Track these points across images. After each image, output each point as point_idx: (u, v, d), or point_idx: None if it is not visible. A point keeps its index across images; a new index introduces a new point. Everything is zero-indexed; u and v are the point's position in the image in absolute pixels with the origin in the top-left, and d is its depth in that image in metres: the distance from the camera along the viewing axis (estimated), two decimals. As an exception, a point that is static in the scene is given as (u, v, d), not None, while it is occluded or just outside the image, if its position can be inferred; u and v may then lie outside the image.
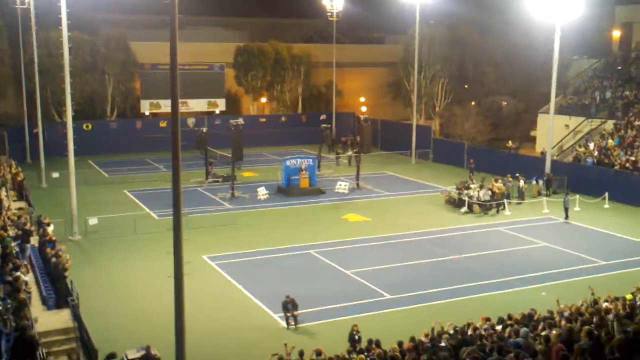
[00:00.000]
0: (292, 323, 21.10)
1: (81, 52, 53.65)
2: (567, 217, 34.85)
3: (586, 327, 13.56)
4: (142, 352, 17.06)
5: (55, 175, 41.08)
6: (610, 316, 16.53)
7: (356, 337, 18.67)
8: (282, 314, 21.43)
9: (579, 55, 61.57)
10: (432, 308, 22.66)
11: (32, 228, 25.76)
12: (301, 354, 16.61)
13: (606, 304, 18.92)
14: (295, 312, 21.11)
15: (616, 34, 60.42)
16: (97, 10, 57.69)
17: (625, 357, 8.31)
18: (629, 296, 19.46)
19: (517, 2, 44.38)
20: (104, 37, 57.64)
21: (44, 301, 19.96)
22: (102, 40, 57.38)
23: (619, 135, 44.40)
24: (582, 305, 19.18)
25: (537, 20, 41.21)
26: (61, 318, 19.13)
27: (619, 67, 54.34)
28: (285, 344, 16.76)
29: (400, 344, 16.26)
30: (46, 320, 18.83)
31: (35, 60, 43.58)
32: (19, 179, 35.26)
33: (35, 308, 19.25)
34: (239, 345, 20.28)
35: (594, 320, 15.77)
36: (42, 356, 15.26)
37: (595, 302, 19.46)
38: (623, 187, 38.56)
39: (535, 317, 18.24)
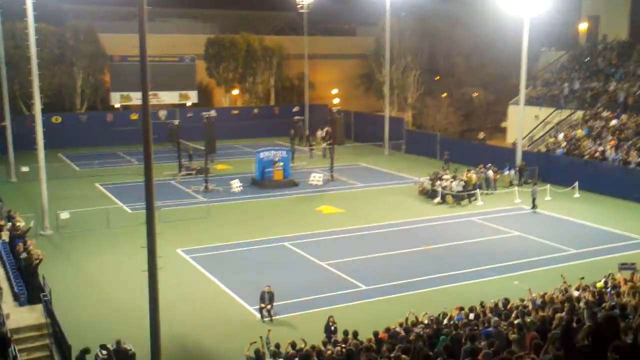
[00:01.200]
0: (266, 315, 21.08)
1: (48, 43, 52.75)
2: (534, 207, 35.26)
3: (558, 315, 13.78)
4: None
5: (25, 169, 40.40)
6: (582, 304, 16.87)
7: (332, 328, 18.76)
8: (257, 307, 21.40)
9: (547, 47, 62.31)
10: (407, 298, 22.83)
11: (2, 223, 25.31)
12: (277, 346, 16.64)
13: (577, 292, 19.29)
14: (269, 306, 21.05)
15: (583, 26, 61.22)
16: (64, 1, 56.74)
17: (595, 344, 8.45)
18: (599, 284, 19.85)
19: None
20: (71, 28, 56.74)
21: (16, 297, 19.65)
22: (70, 31, 56.50)
23: (588, 125, 45.11)
24: (553, 293, 19.52)
25: (507, 12, 41.58)
26: (34, 314, 18.86)
27: (587, 59, 55.12)
28: (269, 330, 16.84)
29: (375, 334, 16.39)
30: (18, 316, 18.54)
31: (2, 52, 42.68)
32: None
33: (7, 304, 18.94)
34: (214, 338, 20.22)
35: (566, 307, 16.04)
36: (13, 354, 15.05)
37: (567, 290, 19.82)
38: (592, 177, 39.22)
39: (508, 306, 18.51)
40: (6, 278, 20.91)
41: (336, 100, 65.87)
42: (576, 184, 38.77)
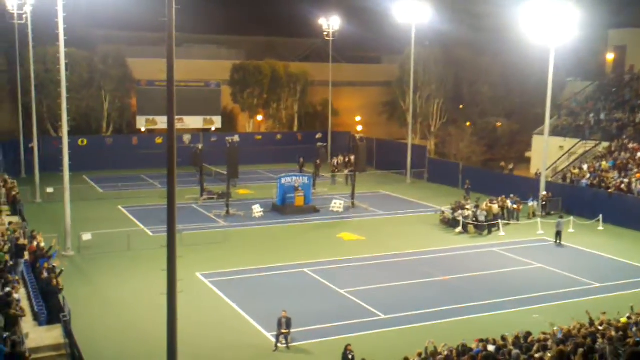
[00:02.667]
0: (283, 341, 20.97)
1: (78, 67, 53.80)
2: (558, 241, 34.50)
3: (580, 350, 13.54)
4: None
5: (50, 190, 40.96)
6: (604, 340, 16.53)
7: (350, 356, 18.59)
8: (274, 333, 21.31)
9: (573, 77, 62.08)
10: (426, 328, 22.57)
11: (26, 242, 25.62)
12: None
13: (600, 327, 18.91)
14: (285, 330, 20.95)
15: (610, 56, 60.97)
16: (94, 26, 58.00)
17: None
18: (623, 319, 19.44)
19: (512, 23, 44.76)
20: (101, 53, 57.85)
21: (36, 317, 19.81)
22: (100, 56, 57.59)
23: (613, 157, 44.61)
24: (574, 327, 19.16)
25: (533, 41, 41.55)
26: (53, 334, 18.98)
27: (613, 90, 54.75)
28: None
29: (393, 364, 16.20)
30: (37, 336, 18.69)
31: (32, 75, 43.65)
32: (14, 193, 35.12)
33: (27, 324, 19.10)
34: (231, 363, 20.15)
35: (588, 342, 15.75)
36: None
37: (591, 324, 19.44)
38: (617, 210, 38.65)
39: (529, 339, 18.20)
40: (27, 298, 21.10)
41: (359, 127, 66.05)
42: (600, 216, 38.23)
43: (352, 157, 52.62)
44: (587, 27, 46.36)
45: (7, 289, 18.25)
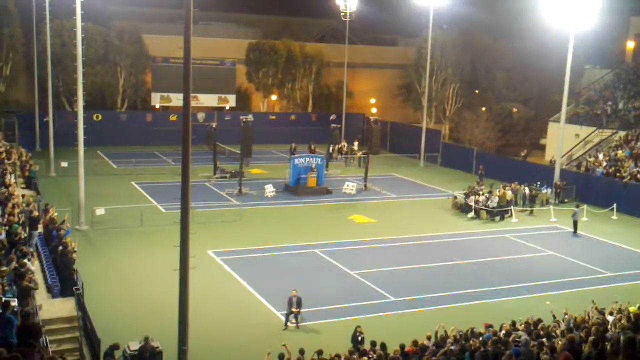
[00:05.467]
0: (293, 321, 21.07)
1: (94, 43, 53.78)
2: (575, 231, 34.23)
3: (591, 338, 13.50)
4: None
5: (64, 164, 41.14)
6: (615, 327, 16.47)
7: (359, 338, 18.63)
8: (284, 312, 21.41)
9: (591, 64, 61.34)
10: (435, 312, 22.60)
11: (39, 215, 25.79)
12: (302, 352, 16.57)
13: (611, 317, 18.85)
14: (295, 310, 21.03)
15: (630, 44, 60.12)
16: (111, 1, 57.86)
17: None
18: (632, 308, 19.35)
19: (532, 9, 44.24)
20: (117, 29, 57.77)
21: (49, 289, 20.00)
22: (115, 32, 57.52)
23: (630, 146, 44.17)
24: (586, 315, 19.12)
25: (552, 27, 41.02)
26: (66, 307, 19.17)
27: (632, 78, 54.07)
28: (285, 345, 16.64)
29: (402, 346, 16.23)
30: (50, 307, 18.88)
31: (48, 49, 43.68)
32: (30, 166, 35.26)
33: (40, 295, 19.27)
34: (240, 340, 20.29)
35: (599, 330, 15.69)
36: (44, 343, 15.29)
37: (601, 312, 19.38)
38: (632, 199, 38.35)
39: (540, 327, 18.18)
40: (40, 270, 21.30)
41: (374, 110, 65.77)
42: (614, 205, 37.96)
43: (354, 144, 52.70)
44: (608, 13, 45.69)
45: (22, 260, 18.38)
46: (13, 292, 16.04)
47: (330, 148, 49.34)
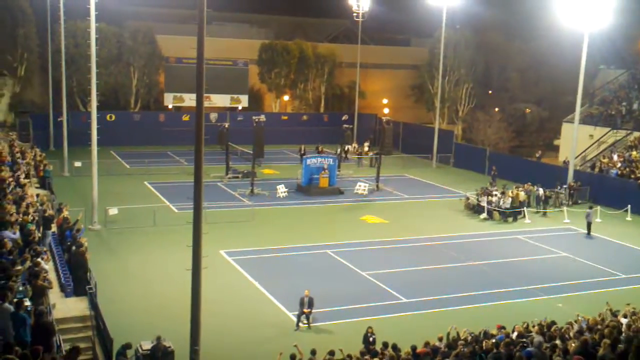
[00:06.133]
0: (305, 321, 21.07)
1: (108, 43, 54.09)
2: (589, 232, 33.97)
3: (606, 340, 13.39)
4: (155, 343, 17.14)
5: (78, 164, 41.42)
6: (630, 330, 16.34)
7: (371, 339, 18.61)
8: (296, 312, 21.41)
9: (606, 64, 60.88)
10: (447, 313, 22.51)
11: (53, 214, 25.97)
12: (313, 352, 16.57)
13: (624, 319, 18.70)
14: (307, 310, 21.03)
15: (645, 44, 59.66)
16: (125, 2, 58.14)
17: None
18: (647, 311, 19.19)
19: (546, 8, 43.97)
20: (131, 29, 58.05)
21: (62, 288, 20.13)
22: (129, 32, 57.80)
23: (644, 147, 43.84)
24: (600, 317, 18.97)
25: (566, 27, 40.75)
26: (79, 306, 19.29)
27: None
28: (296, 346, 16.66)
29: (413, 348, 16.19)
30: (64, 307, 19.01)
31: (62, 49, 43.96)
32: (44, 166, 35.51)
33: (54, 294, 19.40)
34: (251, 340, 20.31)
35: (613, 333, 15.58)
36: (58, 342, 15.40)
37: (615, 315, 19.23)
38: (646, 200, 38.03)
39: (553, 329, 18.06)
40: (54, 269, 21.44)
41: (386, 110, 65.68)
42: (629, 207, 37.65)
43: (366, 145, 52.62)
44: (623, 13, 45.25)
45: (35, 260, 18.51)
46: (26, 291, 16.16)
47: (342, 148, 49.34)
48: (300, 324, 21.07)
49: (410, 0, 61.08)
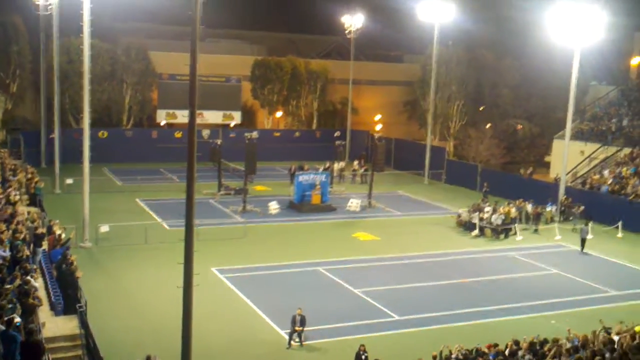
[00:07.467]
0: (297, 339, 20.99)
1: (101, 60, 54.08)
2: (583, 248, 34.01)
3: (597, 358, 13.41)
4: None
5: (69, 181, 41.25)
6: (622, 348, 16.36)
7: (363, 357, 18.58)
8: (287, 330, 21.33)
9: (597, 81, 61.37)
10: (440, 331, 22.50)
11: (44, 232, 25.85)
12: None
13: (616, 337, 18.72)
14: (299, 328, 20.96)
15: (635, 61, 60.16)
16: (118, 19, 58.31)
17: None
18: (638, 328, 19.22)
19: (537, 25, 44.36)
20: (124, 45, 58.16)
21: (52, 306, 20.00)
22: (122, 49, 57.89)
23: (635, 164, 44.08)
24: (592, 335, 18.98)
25: (557, 43, 41.12)
26: (69, 324, 19.15)
27: (638, 95, 54.08)
28: None
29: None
30: (54, 325, 18.87)
31: (55, 66, 43.98)
32: (35, 184, 35.37)
33: (44, 313, 19.27)
34: (243, 359, 20.20)
35: (604, 349, 15.60)
36: (47, 362, 15.28)
37: (607, 332, 19.25)
38: (637, 217, 38.17)
39: (546, 347, 18.07)
40: (44, 287, 21.31)
41: (378, 127, 65.85)
42: (619, 223, 37.80)
43: (361, 161, 52.62)
44: (613, 29, 45.73)
45: (25, 278, 18.41)
46: (15, 309, 16.04)
47: (334, 165, 49.33)
48: (293, 342, 20.99)
49: (403, 17, 61.50)
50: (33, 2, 46.20)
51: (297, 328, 21.01)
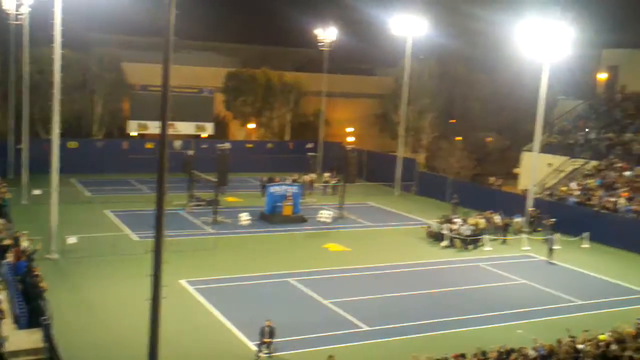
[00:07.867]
0: (265, 351, 20.94)
1: (72, 70, 53.51)
2: (550, 258, 34.58)
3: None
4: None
5: (37, 192, 40.61)
6: (586, 357, 16.65)
7: (331, 368, 18.57)
8: (257, 342, 21.26)
9: (565, 95, 62.47)
10: (409, 341, 22.62)
11: (10, 243, 25.45)
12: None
13: (581, 345, 19.04)
14: (267, 340, 20.91)
15: (602, 76, 61.40)
16: (90, 28, 57.86)
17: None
18: (602, 336, 19.59)
19: (507, 40, 45.09)
20: (96, 56, 57.70)
21: (16, 319, 19.68)
22: (94, 59, 57.42)
23: (601, 175, 44.93)
24: (557, 344, 19.28)
25: (527, 58, 41.85)
26: (32, 338, 18.83)
27: (604, 109, 55.17)
28: None
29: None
30: (17, 339, 18.54)
31: (26, 76, 43.46)
32: (2, 194, 34.84)
33: (7, 326, 18.96)
34: (212, 371, 20.10)
35: (569, 358, 15.86)
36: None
37: (573, 341, 19.56)
38: (603, 228, 38.86)
39: (512, 357, 18.28)
40: (8, 300, 20.97)
41: (351, 139, 66.14)
42: (585, 234, 38.44)
43: (333, 172, 52.82)
44: (581, 46, 46.71)
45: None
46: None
47: (304, 177, 49.41)
48: (261, 354, 20.92)
49: (376, 30, 62.05)
50: (4, 11, 45.70)
51: (265, 340, 20.96)
